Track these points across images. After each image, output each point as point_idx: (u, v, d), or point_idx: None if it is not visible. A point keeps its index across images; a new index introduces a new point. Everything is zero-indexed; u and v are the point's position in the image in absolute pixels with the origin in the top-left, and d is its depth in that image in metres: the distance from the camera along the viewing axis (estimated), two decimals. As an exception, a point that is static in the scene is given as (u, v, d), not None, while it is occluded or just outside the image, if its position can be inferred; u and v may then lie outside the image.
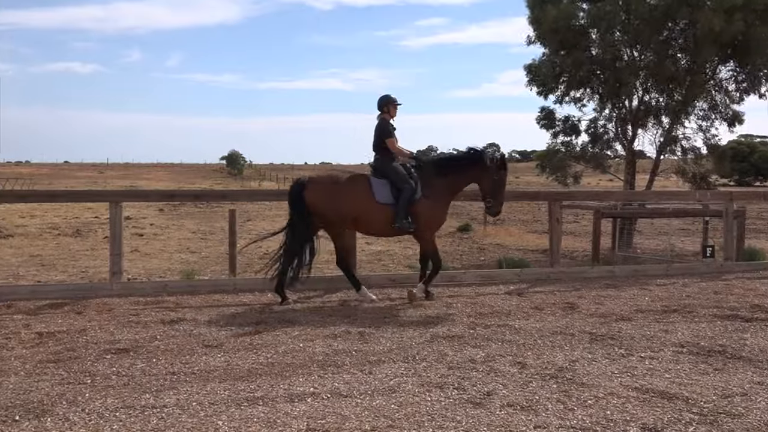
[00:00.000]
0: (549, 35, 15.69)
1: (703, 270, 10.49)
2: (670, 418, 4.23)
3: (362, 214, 8.00)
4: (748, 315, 7.20)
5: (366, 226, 8.26)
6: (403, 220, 7.91)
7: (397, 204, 7.92)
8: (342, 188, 8.04)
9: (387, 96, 8.34)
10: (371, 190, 8.01)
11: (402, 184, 7.96)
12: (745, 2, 14.00)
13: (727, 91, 16.43)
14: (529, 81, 17.10)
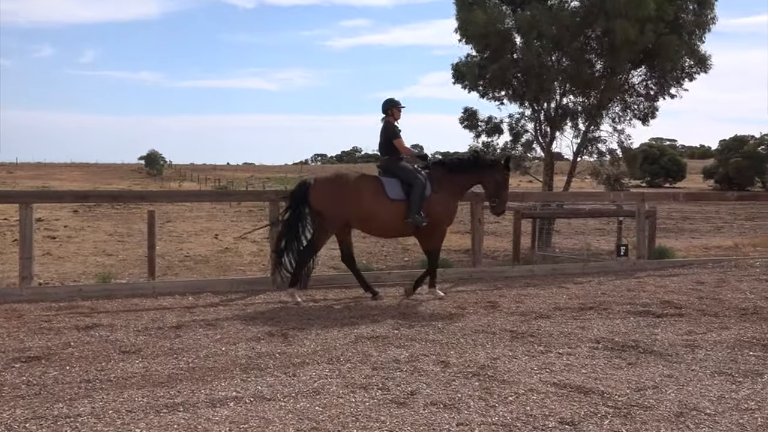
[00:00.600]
0: (476, 38, 15.97)
1: (618, 268, 10.89)
2: (586, 411, 4.36)
3: (374, 212, 8.13)
4: (659, 311, 7.51)
5: (377, 225, 8.34)
6: (416, 215, 8.11)
7: (409, 199, 8.12)
8: (353, 188, 8.13)
9: (391, 99, 8.57)
10: (383, 189, 8.18)
11: (413, 180, 8.18)
12: (656, 13, 14.65)
13: (639, 93, 17.14)
14: (455, 79, 17.37)
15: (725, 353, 5.78)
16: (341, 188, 8.14)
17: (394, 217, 8.17)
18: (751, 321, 7.03)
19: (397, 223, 8.24)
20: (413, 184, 8.16)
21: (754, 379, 5.05)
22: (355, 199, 8.07)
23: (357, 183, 8.21)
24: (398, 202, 8.16)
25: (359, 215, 8.14)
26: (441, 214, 8.35)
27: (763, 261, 11.81)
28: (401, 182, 8.23)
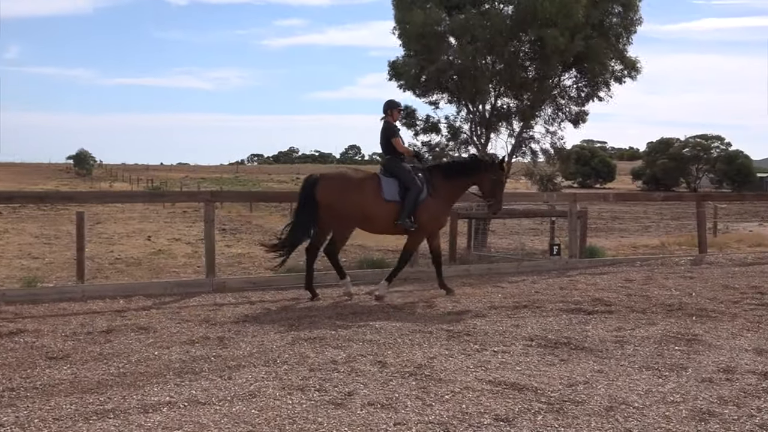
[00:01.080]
0: (414, 38, 16.07)
1: (551, 267, 11.14)
2: (520, 408, 4.44)
3: (369, 210, 8.28)
4: (590, 308, 7.71)
5: (370, 223, 8.53)
6: (406, 219, 8.26)
7: (403, 202, 8.26)
8: (353, 185, 8.32)
9: (391, 101, 8.80)
10: (380, 187, 8.31)
11: (410, 183, 8.33)
12: (584, 19, 15.05)
13: (570, 96, 17.58)
14: (391, 77, 17.43)
15: (652, 348, 5.98)
16: (345, 184, 8.35)
17: (385, 217, 8.33)
18: (677, 317, 7.29)
19: (388, 223, 8.39)
20: (410, 187, 8.31)
21: (679, 373, 5.23)
22: (357, 196, 8.24)
23: (361, 181, 8.40)
24: (392, 203, 8.29)
25: (359, 213, 8.31)
26: (429, 220, 8.48)
27: (688, 259, 12.28)
28: (399, 184, 8.36)
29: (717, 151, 74.31)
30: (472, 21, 15.31)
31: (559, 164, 18.82)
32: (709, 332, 6.58)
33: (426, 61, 16.21)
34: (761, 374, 5.19)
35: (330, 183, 8.37)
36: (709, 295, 8.58)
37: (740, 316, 7.35)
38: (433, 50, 16.07)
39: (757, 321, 7.08)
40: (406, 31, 16.22)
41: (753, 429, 4.12)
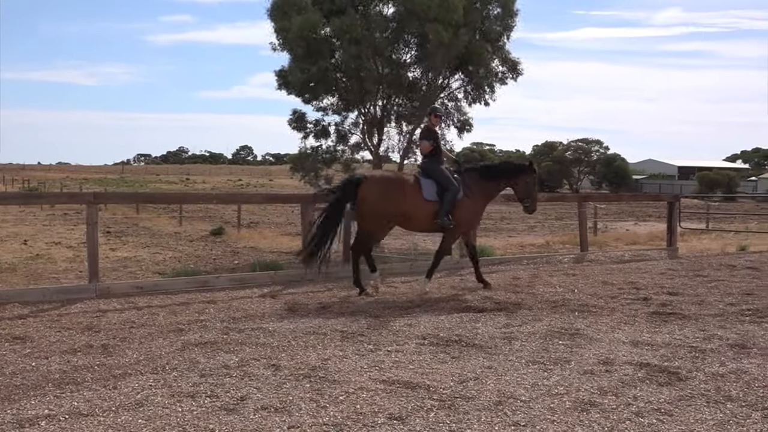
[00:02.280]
0: (296, 43, 15.98)
1: (442, 267, 11.32)
2: (413, 406, 4.50)
3: (410, 209, 8.71)
4: (480, 306, 7.93)
5: (412, 221, 8.97)
6: (445, 218, 8.70)
7: (442, 202, 8.69)
8: (396, 185, 8.76)
9: (432, 107, 9.46)
10: (420, 188, 8.74)
11: (448, 185, 8.79)
12: (466, 20, 15.49)
13: (457, 99, 18.04)
14: (279, 85, 17.29)
15: (538, 343, 6.22)
16: (388, 184, 8.76)
17: (425, 216, 8.78)
18: (561, 312, 7.62)
19: (428, 222, 8.86)
20: (448, 188, 8.77)
21: (563, 366, 5.47)
22: (400, 197, 8.66)
23: (402, 183, 8.86)
24: (432, 203, 8.74)
25: (401, 212, 8.73)
26: (465, 219, 9.00)
27: (571, 257, 12.87)
28: (437, 184, 8.79)
29: (597, 154, 78.40)
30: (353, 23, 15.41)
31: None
32: (590, 326, 6.91)
33: (310, 65, 16.18)
34: (637, 365, 5.50)
35: (374, 183, 8.73)
36: (590, 292, 9.02)
37: (618, 310, 7.77)
38: (317, 54, 16.08)
39: (633, 315, 7.51)
40: (287, 38, 16.16)
41: (630, 417, 4.36)
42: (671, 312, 7.63)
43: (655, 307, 7.92)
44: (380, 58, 16.48)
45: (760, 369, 5.42)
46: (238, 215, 24.71)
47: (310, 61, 16.20)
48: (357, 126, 18.17)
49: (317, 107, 17.60)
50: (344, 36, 15.61)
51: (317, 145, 18.25)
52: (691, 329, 6.81)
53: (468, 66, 16.89)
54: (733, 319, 7.29)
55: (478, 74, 16.99)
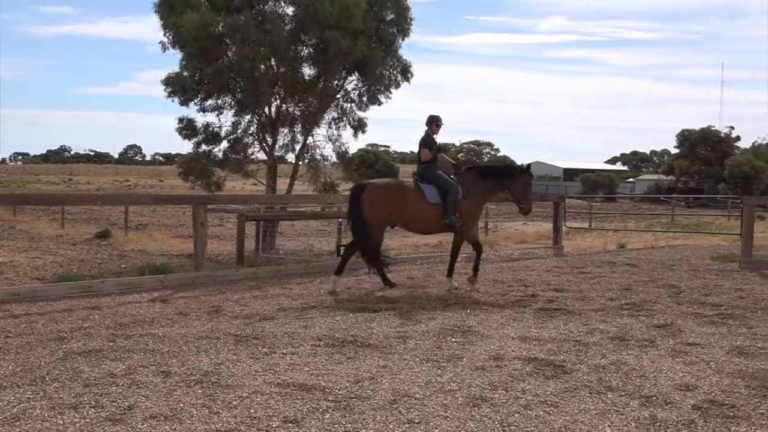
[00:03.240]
0: (189, 41, 15.55)
1: (338, 267, 11.34)
2: (309, 408, 4.47)
3: (416, 214, 9.20)
4: (375, 306, 7.98)
5: (419, 224, 9.51)
6: (452, 216, 9.15)
7: (445, 203, 9.12)
8: (397, 191, 9.23)
9: (432, 115, 9.70)
10: (423, 194, 9.19)
11: (448, 187, 9.22)
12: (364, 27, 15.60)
13: (353, 100, 18.13)
14: (169, 93, 16.77)
15: (432, 341, 6.33)
16: (390, 191, 9.22)
17: (432, 218, 9.24)
18: (453, 311, 7.79)
19: (434, 223, 9.35)
20: (448, 190, 9.20)
21: (456, 363, 5.59)
22: (402, 202, 9.12)
23: (404, 188, 9.32)
24: (436, 206, 9.18)
25: (405, 216, 9.22)
26: (469, 217, 9.42)
27: (463, 256, 13.17)
28: (437, 188, 9.23)
29: (488, 156, 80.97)
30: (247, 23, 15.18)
31: (343, 170, 19.39)
32: (481, 324, 7.10)
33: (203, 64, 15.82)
34: (525, 359, 5.70)
35: (375, 190, 9.21)
36: (481, 289, 9.28)
37: (508, 307, 8.04)
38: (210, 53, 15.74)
39: (522, 311, 7.78)
40: (179, 35, 15.69)
41: (518, 410, 4.51)
42: (557, 308, 7.96)
43: (542, 304, 8.24)
44: (276, 59, 16.30)
45: (637, 360, 5.75)
46: (125, 217, 23.78)
47: (203, 60, 15.81)
48: (251, 127, 17.89)
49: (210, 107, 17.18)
50: (237, 35, 15.32)
51: (209, 148, 17.85)
52: (576, 324, 7.13)
53: (364, 69, 17.01)
54: (613, 314, 7.69)
55: (373, 77, 17.15)
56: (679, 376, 5.28)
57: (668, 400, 4.72)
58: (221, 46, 16.05)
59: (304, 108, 17.60)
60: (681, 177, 70.58)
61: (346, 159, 19.02)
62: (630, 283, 10.01)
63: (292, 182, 18.38)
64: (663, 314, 7.67)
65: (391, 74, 17.49)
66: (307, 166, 18.58)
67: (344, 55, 15.53)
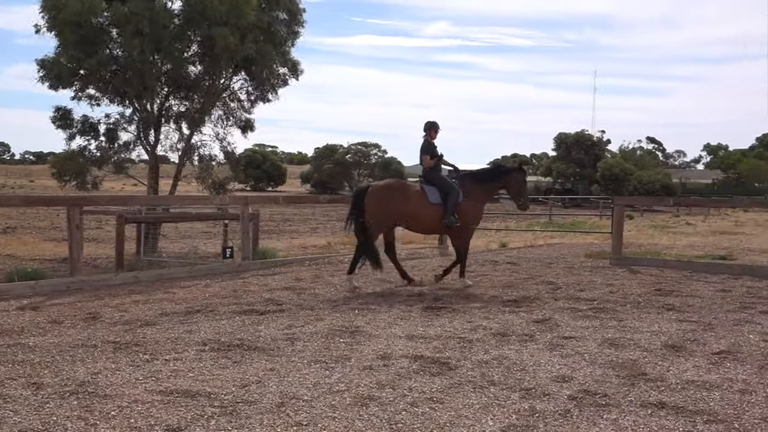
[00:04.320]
0: (70, 28, 14.73)
1: (224, 270, 11.14)
2: (193, 415, 4.34)
3: (418, 212, 9.64)
4: (262, 309, 7.87)
5: (420, 223, 9.94)
6: (451, 217, 9.58)
7: (446, 204, 9.57)
8: (400, 191, 9.76)
9: (430, 122, 10.10)
10: (425, 194, 9.68)
11: (449, 189, 9.70)
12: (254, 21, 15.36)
13: (240, 99, 17.80)
14: (42, 78, 15.79)
15: (320, 342, 6.31)
16: (394, 192, 9.71)
17: (433, 218, 9.68)
18: (342, 311, 7.81)
19: (435, 223, 9.78)
20: (449, 192, 9.65)
21: (344, 364, 5.60)
22: (404, 201, 9.59)
23: (407, 188, 9.89)
24: (437, 206, 9.61)
25: (408, 215, 9.65)
26: (470, 218, 9.86)
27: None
28: (439, 190, 9.68)
29: (376, 157, 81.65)
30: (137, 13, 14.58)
31: (230, 170, 19.01)
32: (369, 323, 7.16)
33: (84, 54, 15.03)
34: (412, 357, 5.80)
35: (378, 191, 9.67)
36: (369, 290, 9.36)
37: (395, 306, 8.14)
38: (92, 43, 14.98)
39: (408, 310, 7.91)
40: (57, 20, 14.84)
41: (405, 407, 4.57)
42: (442, 306, 8.15)
43: (429, 302, 8.41)
44: (162, 53, 15.73)
45: (518, 354, 5.98)
46: (-8, 220, 22.24)
47: (84, 49, 15.00)
48: (132, 123, 17.17)
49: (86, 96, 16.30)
50: (127, 26, 14.64)
51: (85, 144, 16.96)
52: (460, 321, 7.32)
53: (251, 67, 16.74)
54: (495, 310, 7.96)
55: (261, 76, 16.92)
56: (556, 369, 5.53)
57: (546, 392, 4.93)
58: (105, 37, 15.30)
59: (190, 105, 17.09)
60: (558, 179, 74.17)
61: (234, 159, 18.64)
62: (511, 280, 10.40)
63: (176, 183, 17.80)
64: (541, 310, 8.02)
65: (280, 73, 17.32)
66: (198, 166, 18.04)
67: (232, 52, 15.21)
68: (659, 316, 7.79)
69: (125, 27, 14.79)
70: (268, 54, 16.20)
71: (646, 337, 6.69)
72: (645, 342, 6.47)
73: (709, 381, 5.26)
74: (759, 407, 4.69)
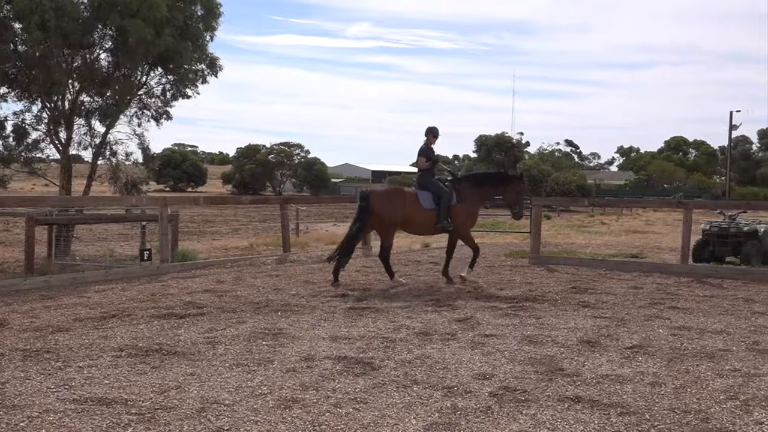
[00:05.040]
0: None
1: (142, 273, 10.81)
2: (108, 423, 4.20)
3: (413, 217, 10.09)
4: (182, 312, 7.68)
5: (415, 227, 10.54)
6: (444, 221, 10.04)
7: (439, 208, 9.98)
8: (397, 198, 10.16)
9: (429, 127, 10.56)
10: (418, 199, 10.10)
11: (441, 193, 10.09)
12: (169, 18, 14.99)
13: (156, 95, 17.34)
14: None
15: (242, 345, 6.21)
16: (391, 197, 10.23)
17: (427, 222, 10.17)
18: (264, 313, 7.71)
19: (429, 226, 10.29)
20: (441, 196, 10.06)
21: (267, 366, 5.53)
22: (399, 206, 10.02)
23: (403, 194, 10.28)
24: (430, 211, 10.04)
25: (402, 219, 10.10)
26: (464, 220, 10.28)
27: (274, 258, 13.11)
28: (432, 194, 10.09)
29: (298, 158, 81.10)
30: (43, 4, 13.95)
31: (147, 168, 18.48)
32: (292, 325, 7.10)
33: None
34: (336, 359, 5.78)
35: (378, 196, 10.19)
36: (292, 291, 9.27)
37: (318, 308, 8.10)
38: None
39: (332, 311, 7.88)
40: None
41: (329, 409, 4.56)
42: (366, 306, 8.17)
43: (352, 303, 8.41)
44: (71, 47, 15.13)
45: (440, 353, 6.05)
46: None
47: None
48: (41, 122, 16.45)
49: None
50: (32, 18, 13.99)
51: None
52: (384, 321, 7.36)
53: (168, 63, 16.33)
54: (418, 310, 8.04)
55: (179, 72, 16.54)
56: (477, 366, 5.63)
57: (468, 390, 5.01)
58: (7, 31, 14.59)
59: (102, 101, 16.50)
60: (479, 180, 75.48)
61: (150, 158, 18.14)
62: (434, 280, 10.52)
63: (90, 183, 17.16)
64: (463, 309, 8.14)
65: (198, 69, 16.97)
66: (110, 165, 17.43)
67: (146, 45, 14.77)
68: (575, 313, 8.05)
69: (29, 19, 14.13)
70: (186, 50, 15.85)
71: (563, 333, 6.89)
72: (562, 338, 6.67)
73: (622, 375, 5.47)
74: (668, 398, 4.91)
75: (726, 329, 7.24)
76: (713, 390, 5.12)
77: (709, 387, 5.19)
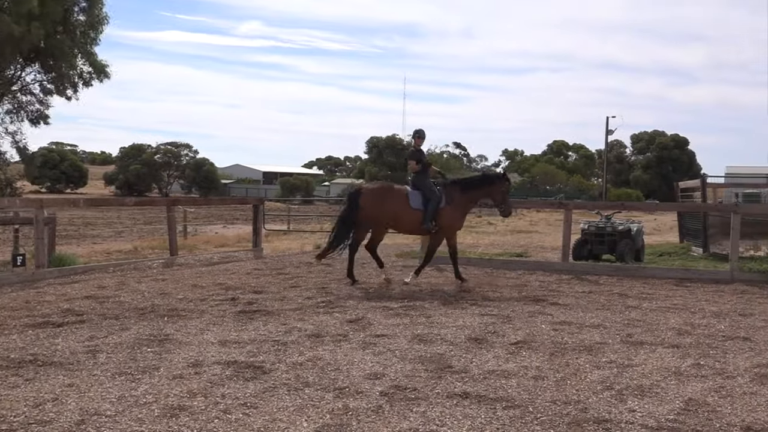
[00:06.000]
0: None
1: (15, 280, 10.18)
2: (-24, 442, 3.92)
3: (401, 216, 10.39)
4: (60, 320, 7.29)
5: (402, 225, 10.79)
6: (429, 222, 10.28)
7: (426, 210, 10.22)
8: (387, 195, 10.42)
9: (416, 130, 11.02)
10: (408, 198, 10.36)
11: (431, 195, 10.34)
12: (43, 11, 14.22)
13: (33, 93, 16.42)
14: None
15: (126, 353, 5.97)
16: (381, 195, 10.44)
17: (413, 221, 10.42)
18: (149, 319, 7.44)
19: (416, 226, 10.53)
20: (431, 198, 10.31)
21: (152, 374, 5.34)
22: (388, 203, 10.31)
23: (392, 191, 10.51)
24: (418, 211, 10.28)
25: (390, 216, 10.39)
26: (448, 223, 10.45)
27: (160, 262, 12.68)
28: (423, 195, 10.33)
29: (186, 158, 78.81)
30: None
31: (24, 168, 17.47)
32: (179, 330, 6.89)
33: None
34: (225, 363, 5.66)
35: (369, 193, 10.47)
36: (180, 295, 9.00)
37: (207, 312, 7.90)
38: None
39: (222, 315, 7.71)
40: None
41: (218, 415, 4.45)
42: (257, 309, 8.04)
43: (242, 306, 8.26)
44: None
45: (332, 354, 6.05)
46: None
47: None
48: None
49: None
50: None
51: None
52: (275, 324, 7.27)
53: (48, 60, 15.48)
54: (310, 312, 8.00)
55: (60, 69, 15.71)
56: (369, 366, 5.67)
57: (359, 390, 5.04)
58: None
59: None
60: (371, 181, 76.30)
61: (28, 157, 17.12)
62: (326, 282, 10.51)
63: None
64: (355, 309, 8.18)
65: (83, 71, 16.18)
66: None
67: (16, 40, 13.92)
68: (464, 311, 8.26)
69: None
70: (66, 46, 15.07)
71: (452, 331, 7.06)
72: (451, 336, 6.83)
73: (507, 370, 5.66)
74: (550, 391, 5.12)
75: (602, 323, 7.65)
76: (591, 381, 5.39)
77: (588, 378, 5.47)
